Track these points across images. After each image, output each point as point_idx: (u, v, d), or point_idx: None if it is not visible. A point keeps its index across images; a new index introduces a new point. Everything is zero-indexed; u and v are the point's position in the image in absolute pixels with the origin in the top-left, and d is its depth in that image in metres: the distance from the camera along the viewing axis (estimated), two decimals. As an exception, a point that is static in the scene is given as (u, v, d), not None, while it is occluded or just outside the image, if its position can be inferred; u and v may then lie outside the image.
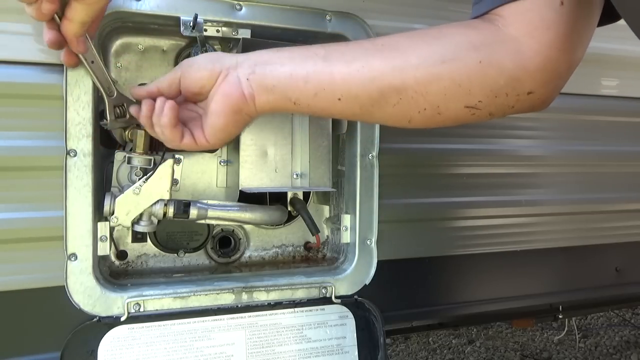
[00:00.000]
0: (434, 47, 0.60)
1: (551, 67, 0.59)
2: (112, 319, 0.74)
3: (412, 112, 0.62)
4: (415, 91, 0.60)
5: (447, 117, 0.63)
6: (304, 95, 0.63)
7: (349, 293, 0.86)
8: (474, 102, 0.60)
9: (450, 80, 0.59)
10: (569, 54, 0.59)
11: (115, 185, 0.75)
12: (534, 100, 0.61)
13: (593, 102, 1.12)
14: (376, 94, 0.61)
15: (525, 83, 0.59)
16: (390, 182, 0.91)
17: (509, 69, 0.59)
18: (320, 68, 0.62)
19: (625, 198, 1.19)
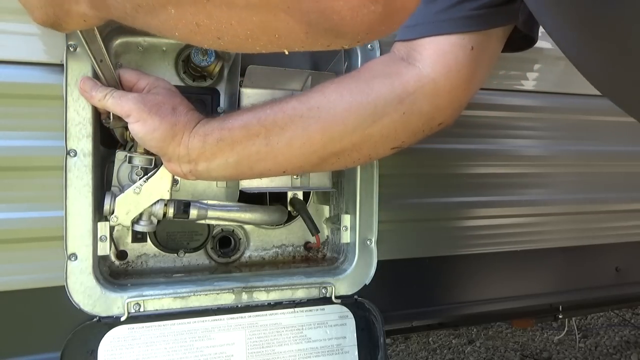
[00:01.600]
0: (367, 108, 0.66)
1: (458, 103, 0.70)
2: (112, 319, 0.74)
3: (348, 164, 0.72)
4: (351, 150, 0.69)
5: (376, 158, 0.76)
6: (254, 175, 0.72)
7: (349, 293, 0.86)
8: (399, 144, 0.70)
9: (380, 136, 0.68)
10: (471, 90, 0.70)
11: (116, 184, 0.75)
12: (442, 127, 0.72)
13: (593, 102, 1.12)
14: (317, 161, 0.69)
15: (437, 119, 0.70)
16: (390, 182, 0.91)
17: (427, 112, 0.68)
18: (263, 155, 0.66)
19: (625, 198, 1.19)
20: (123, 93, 0.67)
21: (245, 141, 0.66)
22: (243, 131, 0.66)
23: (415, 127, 0.69)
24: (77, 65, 0.70)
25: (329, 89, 0.67)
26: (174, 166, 0.68)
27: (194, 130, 0.66)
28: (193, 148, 0.66)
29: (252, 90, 0.76)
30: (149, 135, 0.65)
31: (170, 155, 0.67)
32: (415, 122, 0.68)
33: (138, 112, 0.65)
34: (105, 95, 0.67)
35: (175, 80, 0.83)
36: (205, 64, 0.79)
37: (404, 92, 0.66)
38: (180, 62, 0.83)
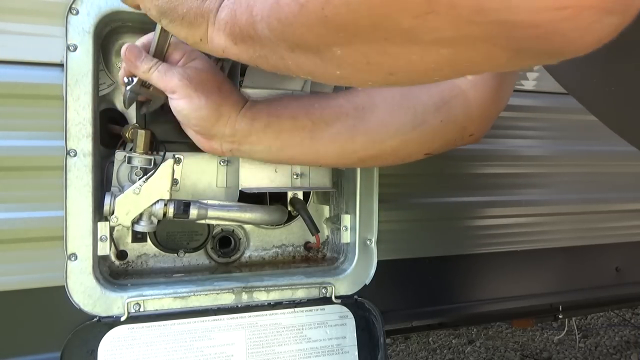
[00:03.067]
0: (407, 113, 0.66)
1: (488, 114, 0.70)
2: (112, 319, 0.74)
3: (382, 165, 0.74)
4: (389, 155, 0.70)
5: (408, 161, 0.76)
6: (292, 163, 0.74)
7: (349, 293, 0.86)
8: (432, 150, 0.71)
9: (418, 142, 0.69)
10: (499, 102, 0.70)
11: (116, 185, 0.75)
12: (472, 140, 0.72)
13: (593, 102, 1.12)
14: (356, 160, 0.70)
15: (469, 129, 0.70)
16: (390, 182, 0.91)
17: (461, 122, 0.68)
18: (306, 149, 0.67)
19: (625, 198, 1.19)
20: (168, 67, 0.64)
21: (292, 131, 0.67)
22: (291, 122, 0.67)
23: (450, 136, 0.70)
24: (77, 65, 0.70)
25: (374, 90, 0.68)
26: (214, 144, 0.68)
27: (242, 112, 0.66)
28: (240, 130, 0.66)
29: (252, 91, 0.76)
30: (193, 113, 0.63)
31: (214, 134, 0.66)
32: (451, 130, 0.69)
33: (184, 89, 0.62)
34: (150, 68, 0.63)
35: (175, 80, 0.83)
36: (205, 64, 0.78)
37: (440, 100, 0.66)
38: (180, 62, 0.83)
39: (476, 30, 0.28)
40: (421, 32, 0.31)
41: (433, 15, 0.28)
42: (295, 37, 0.39)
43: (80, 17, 0.70)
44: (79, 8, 0.70)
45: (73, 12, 0.70)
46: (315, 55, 0.40)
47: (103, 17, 0.71)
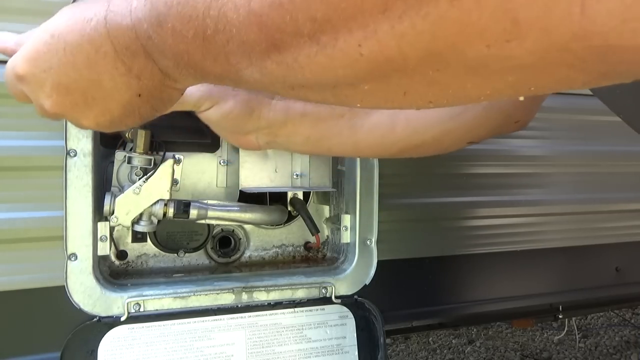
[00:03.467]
0: None
1: (533, 100, 0.66)
2: (112, 319, 0.74)
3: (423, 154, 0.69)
4: (430, 144, 0.66)
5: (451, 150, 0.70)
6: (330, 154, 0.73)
7: (349, 293, 0.86)
8: (475, 138, 0.67)
9: (461, 131, 0.65)
10: None
11: (116, 185, 0.75)
12: (517, 126, 0.68)
13: (593, 102, 1.12)
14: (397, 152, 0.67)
15: (514, 116, 0.66)
16: (390, 182, 0.91)
17: (505, 108, 0.64)
18: (345, 139, 0.65)
19: (625, 198, 1.19)
20: None
21: (330, 120, 0.64)
22: (328, 110, 0.64)
23: (494, 124, 0.67)
24: (77, 65, 0.70)
25: None
26: (251, 139, 0.67)
27: (274, 102, 0.64)
28: (275, 120, 0.64)
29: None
30: (225, 118, 0.63)
31: (249, 129, 0.65)
32: (495, 117, 0.66)
33: (208, 100, 0.61)
34: None
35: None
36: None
37: None
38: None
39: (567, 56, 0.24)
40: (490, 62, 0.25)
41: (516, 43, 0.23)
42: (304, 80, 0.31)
43: (80, 17, 0.70)
44: (79, 8, 0.70)
45: (73, 12, 0.70)
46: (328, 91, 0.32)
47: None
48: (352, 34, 0.26)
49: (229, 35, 0.30)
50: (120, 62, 0.38)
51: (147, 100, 0.41)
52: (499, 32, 0.23)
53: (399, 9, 0.24)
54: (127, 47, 0.37)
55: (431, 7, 0.23)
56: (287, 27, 0.27)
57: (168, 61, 0.36)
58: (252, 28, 0.28)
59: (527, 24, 0.23)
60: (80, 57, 0.39)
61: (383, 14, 0.24)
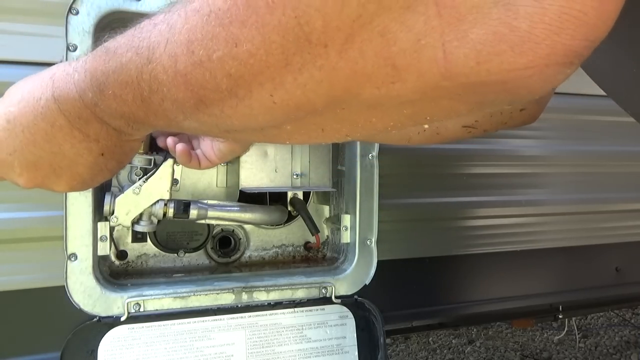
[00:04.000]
0: None
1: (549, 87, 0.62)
2: (112, 319, 0.74)
3: (411, 133, 0.64)
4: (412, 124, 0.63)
5: (444, 136, 0.65)
6: None
7: (349, 293, 0.86)
8: (471, 121, 0.63)
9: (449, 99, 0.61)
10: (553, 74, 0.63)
11: (115, 185, 0.75)
12: (525, 116, 0.64)
13: (593, 102, 1.12)
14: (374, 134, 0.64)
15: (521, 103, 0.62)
16: (390, 182, 0.91)
17: None
18: None
19: (625, 198, 1.19)
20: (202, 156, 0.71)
21: None
22: None
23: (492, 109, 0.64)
24: (77, 65, 0.70)
25: None
26: None
27: None
28: None
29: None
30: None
31: None
32: None
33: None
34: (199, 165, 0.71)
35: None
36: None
37: None
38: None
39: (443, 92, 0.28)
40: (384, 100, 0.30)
41: (399, 84, 0.28)
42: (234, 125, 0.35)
43: (80, 17, 0.70)
44: (79, 8, 0.70)
45: (73, 12, 0.70)
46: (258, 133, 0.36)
47: (103, 17, 0.71)
48: (263, 86, 0.30)
49: (162, 95, 0.34)
50: (76, 131, 0.42)
51: (111, 156, 0.45)
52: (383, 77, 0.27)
53: (298, 63, 0.28)
54: (79, 116, 0.41)
55: (324, 59, 0.27)
56: (208, 84, 0.31)
57: (118, 121, 0.40)
58: (180, 87, 0.32)
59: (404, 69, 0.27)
60: (38, 135, 0.42)
61: (285, 67, 0.28)
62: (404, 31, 0.26)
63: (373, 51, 0.27)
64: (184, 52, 0.31)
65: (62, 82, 0.41)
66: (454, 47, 0.26)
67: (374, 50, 0.26)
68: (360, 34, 0.26)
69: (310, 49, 0.27)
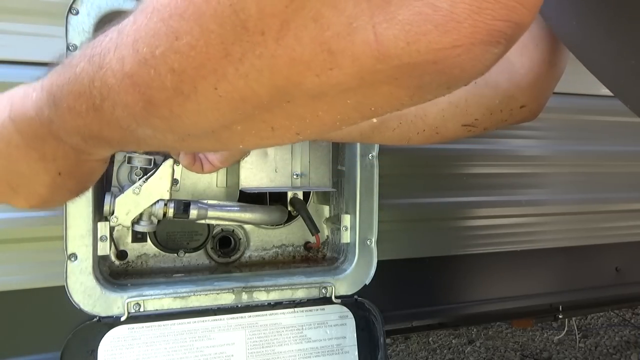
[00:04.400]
0: None
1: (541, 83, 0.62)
2: (112, 319, 0.74)
3: (410, 134, 0.64)
4: (414, 115, 0.62)
5: (444, 136, 0.65)
6: None
7: (349, 293, 0.86)
8: (471, 120, 0.63)
9: (447, 103, 0.61)
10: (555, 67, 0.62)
11: (115, 185, 0.75)
12: (525, 113, 0.64)
13: (593, 102, 1.12)
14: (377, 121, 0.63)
15: (519, 99, 0.62)
16: (390, 182, 0.91)
17: (504, 88, 0.61)
18: None
19: (625, 198, 1.19)
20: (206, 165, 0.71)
21: None
22: None
23: (490, 104, 0.62)
24: (77, 65, 0.70)
25: None
26: None
27: None
28: None
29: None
30: None
31: None
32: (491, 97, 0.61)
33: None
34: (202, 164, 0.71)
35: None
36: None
37: None
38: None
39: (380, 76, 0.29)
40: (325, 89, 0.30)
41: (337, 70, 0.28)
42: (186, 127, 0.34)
43: (80, 17, 0.70)
44: (79, 8, 0.70)
45: (73, 12, 0.70)
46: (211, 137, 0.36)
47: (103, 17, 0.71)
48: (206, 79, 0.30)
49: (113, 102, 0.34)
50: (32, 150, 0.42)
51: (69, 176, 0.45)
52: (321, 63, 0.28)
53: (237, 53, 0.28)
54: (36, 135, 0.41)
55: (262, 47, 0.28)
56: (154, 82, 0.31)
57: (74, 138, 0.40)
58: (128, 90, 0.32)
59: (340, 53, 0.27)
60: None
61: (226, 58, 0.28)
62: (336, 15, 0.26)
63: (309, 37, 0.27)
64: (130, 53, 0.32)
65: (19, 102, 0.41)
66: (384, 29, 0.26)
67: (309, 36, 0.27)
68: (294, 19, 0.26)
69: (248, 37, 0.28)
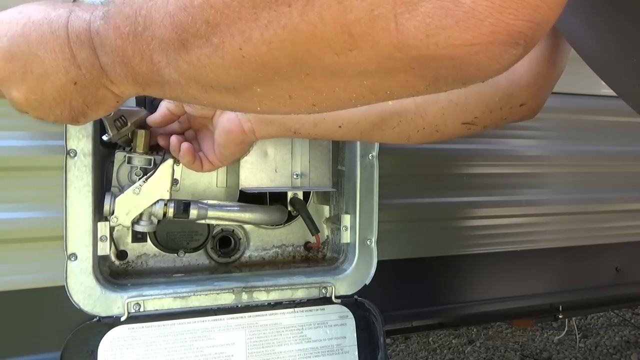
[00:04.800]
0: None
1: (541, 81, 0.61)
2: (112, 319, 0.74)
3: (410, 132, 0.64)
4: (414, 113, 0.62)
5: (444, 134, 0.65)
6: (304, 126, 0.65)
7: (349, 293, 0.86)
8: (471, 118, 0.62)
9: (447, 101, 0.61)
10: (555, 66, 0.62)
11: (116, 185, 0.75)
12: (525, 111, 0.64)
13: (593, 102, 1.12)
14: (377, 119, 0.63)
15: (518, 97, 0.61)
16: (390, 182, 0.91)
17: (504, 86, 0.60)
18: None
19: (625, 198, 1.19)
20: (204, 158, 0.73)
21: None
22: None
23: (490, 102, 0.61)
24: (77, 65, 0.70)
25: None
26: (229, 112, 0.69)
27: None
28: None
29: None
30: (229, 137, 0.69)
31: None
32: (490, 95, 0.60)
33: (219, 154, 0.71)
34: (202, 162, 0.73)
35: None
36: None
37: None
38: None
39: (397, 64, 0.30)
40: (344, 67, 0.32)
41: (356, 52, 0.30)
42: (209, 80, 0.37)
43: (80, 17, 0.70)
44: (79, 8, 0.70)
45: (73, 12, 0.70)
46: (232, 94, 0.38)
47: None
48: (234, 38, 0.32)
49: (152, 34, 0.36)
50: (67, 47, 0.43)
51: (81, 91, 0.45)
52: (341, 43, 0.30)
53: (265, 19, 0.30)
54: (78, 36, 0.43)
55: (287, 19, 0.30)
56: (190, 28, 0.34)
57: (108, 56, 0.41)
58: (167, 27, 0.35)
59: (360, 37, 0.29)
60: (35, 33, 0.44)
61: (254, 22, 0.31)
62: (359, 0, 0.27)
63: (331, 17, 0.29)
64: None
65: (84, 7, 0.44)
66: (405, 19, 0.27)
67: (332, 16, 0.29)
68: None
69: (276, 7, 0.30)
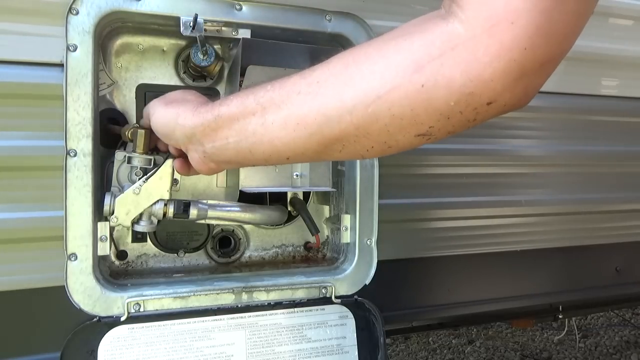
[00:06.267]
0: (368, 78, 0.51)
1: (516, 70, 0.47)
2: (112, 319, 0.74)
3: (361, 151, 0.58)
4: (356, 135, 0.55)
5: (399, 148, 0.57)
6: (258, 161, 0.64)
7: (349, 293, 0.86)
8: (424, 129, 0.53)
9: (390, 117, 0.52)
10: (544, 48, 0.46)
11: (115, 185, 0.75)
12: (499, 108, 0.51)
13: (593, 102, 1.12)
14: (319, 147, 0.58)
15: (482, 95, 0.48)
16: (390, 182, 0.91)
17: (459, 85, 0.48)
18: (259, 137, 0.60)
19: (625, 198, 1.19)
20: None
21: (242, 119, 0.60)
22: (240, 107, 0.61)
23: (444, 107, 0.50)
24: (77, 65, 0.70)
25: (337, 58, 0.55)
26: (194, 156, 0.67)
27: (197, 110, 0.65)
28: (195, 126, 0.64)
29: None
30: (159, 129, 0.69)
31: (181, 143, 0.66)
32: (444, 98, 0.49)
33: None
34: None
35: (175, 80, 0.83)
36: (206, 64, 0.79)
37: (425, 56, 0.48)
38: (180, 62, 0.83)
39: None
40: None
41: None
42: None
43: (80, 17, 0.70)
44: (79, 8, 0.70)
45: (73, 12, 0.70)
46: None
47: (103, 17, 0.71)
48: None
49: None
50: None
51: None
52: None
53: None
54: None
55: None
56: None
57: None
58: None
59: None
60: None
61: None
62: None
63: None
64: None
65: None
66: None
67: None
68: None
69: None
